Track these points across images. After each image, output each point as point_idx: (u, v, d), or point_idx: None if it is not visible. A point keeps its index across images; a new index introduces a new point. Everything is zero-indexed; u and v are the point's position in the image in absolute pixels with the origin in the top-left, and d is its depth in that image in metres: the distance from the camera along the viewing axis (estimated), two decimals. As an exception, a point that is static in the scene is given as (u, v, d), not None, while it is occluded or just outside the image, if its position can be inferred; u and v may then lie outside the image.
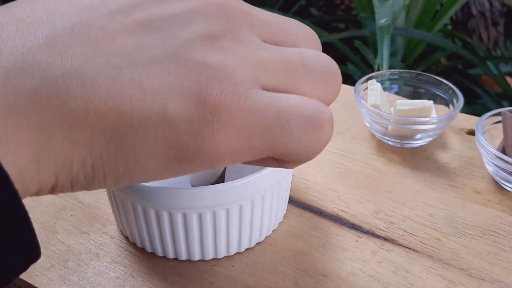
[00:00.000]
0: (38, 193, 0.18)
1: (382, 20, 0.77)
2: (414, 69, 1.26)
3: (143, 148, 0.18)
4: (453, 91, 0.46)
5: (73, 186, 0.19)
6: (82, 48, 0.18)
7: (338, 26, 1.64)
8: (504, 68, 1.22)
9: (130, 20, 0.19)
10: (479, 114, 1.17)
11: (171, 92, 0.18)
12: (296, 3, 1.67)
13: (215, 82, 0.18)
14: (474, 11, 1.38)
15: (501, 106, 1.14)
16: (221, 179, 0.38)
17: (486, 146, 0.39)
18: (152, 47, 0.18)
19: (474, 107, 1.12)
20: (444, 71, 1.25)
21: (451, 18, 1.42)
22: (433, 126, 0.43)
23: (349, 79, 1.10)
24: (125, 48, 0.18)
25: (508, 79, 1.23)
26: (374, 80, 0.47)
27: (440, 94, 0.47)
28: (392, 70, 0.50)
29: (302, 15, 1.71)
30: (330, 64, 0.22)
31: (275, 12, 0.23)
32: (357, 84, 0.46)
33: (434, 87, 0.48)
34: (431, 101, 0.46)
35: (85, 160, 0.18)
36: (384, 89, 0.49)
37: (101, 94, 0.17)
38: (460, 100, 0.45)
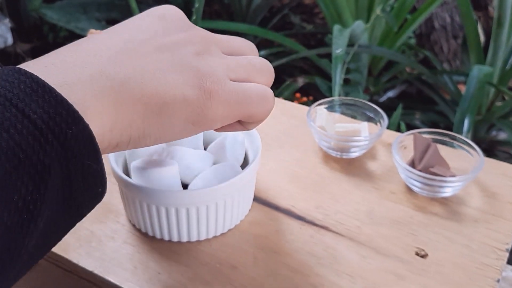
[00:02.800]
0: (106, 148, 0.30)
1: (337, 50, 0.90)
2: (380, 79, 1.40)
3: (174, 115, 0.32)
4: (381, 114, 0.60)
5: (129, 143, 0.31)
6: (130, 62, 0.31)
7: (316, 36, 1.78)
8: (459, 78, 1.36)
9: (150, 46, 0.32)
10: (434, 120, 1.31)
11: (185, 85, 0.32)
12: (278, 13, 1.80)
13: (206, 77, 0.32)
14: (436, 25, 1.52)
15: (455, 112, 1.28)
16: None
17: (398, 161, 0.54)
18: (167, 60, 0.32)
19: (429, 113, 1.26)
20: (408, 80, 1.39)
21: (414, 32, 1.56)
22: (364, 142, 0.58)
23: (318, 90, 1.24)
24: (153, 61, 0.32)
25: (462, 87, 1.38)
26: (321, 107, 0.61)
27: (373, 116, 0.62)
28: (338, 97, 0.64)
29: (284, 24, 1.84)
30: (266, 63, 0.37)
31: (255, 27, 0.41)
32: (309, 109, 0.60)
33: (367, 110, 0.62)
34: (365, 123, 0.60)
35: (140, 125, 0.31)
36: (332, 111, 0.63)
37: (149, 86, 0.31)
38: (385, 121, 0.59)
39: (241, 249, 0.48)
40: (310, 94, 1.40)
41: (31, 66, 0.29)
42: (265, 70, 0.37)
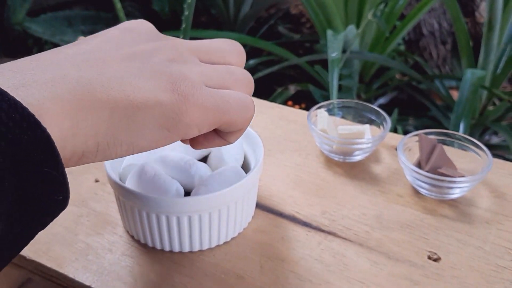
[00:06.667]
0: (71, 158, 0.27)
1: (333, 54, 0.89)
2: (371, 85, 1.39)
3: (146, 121, 0.29)
4: (384, 116, 0.58)
5: (97, 152, 0.28)
6: (98, 69, 0.29)
7: (304, 45, 1.77)
8: (449, 83, 1.36)
9: (118, 55, 0.31)
10: (427, 125, 1.30)
11: (157, 89, 0.29)
12: (265, 23, 1.79)
13: (180, 81, 0.30)
14: (425, 31, 1.52)
15: (447, 117, 1.28)
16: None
17: (404, 162, 0.52)
18: (136, 67, 0.30)
19: (422, 119, 1.25)
20: (398, 86, 1.39)
21: (403, 38, 1.56)
22: (368, 145, 0.56)
23: (309, 99, 1.23)
24: (121, 68, 0.30)
25: (454, 92, 1.37)
26: (322, 110, 0.59)
27: (374, 119, 0.60)
28: (338, 100, 0.62)
29: (271, 34, 1.83)
30: (246, 73, 0.35)
31: (244, 35, 0.37)
32: (309, 112, 0.59)
33: (369, 113, 0.60)
34: (367, 125, 0.58)
35: (107, 131, 0.28)
36: (332, 114, 0.62)
37: (116, 90, 0.28)
38: (388, 123, 0.57)
39: (246, 258, 0.46)
40: (302, 102, 1.38)
41: None
42: (245, 79, 0.35)
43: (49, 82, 0.27)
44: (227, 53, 0.36)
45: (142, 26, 0.35)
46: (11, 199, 0.24)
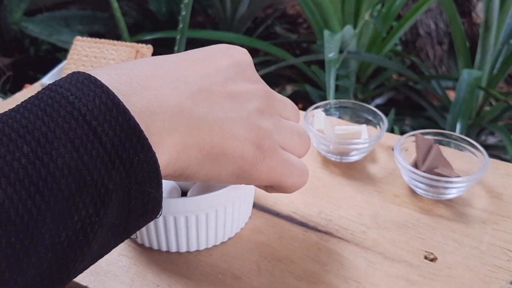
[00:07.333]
0: (164, 177, 0.31)
1: (330, 54, 0.89)
2: (368, 86, 1.40)
3: (226, 167, 0.33)
4: (380, 117, 0.59)
5: (177, 177, 0.32)
6: (206, 103, 0.32)
7: (301, 45, 1.77)
8: (446, 83, 1.36)
9: (224, 90, 0.34)
10: (423, 126, 1.31)
11: (246, 140, 0.33)
12: (262, 24, 1.79)
13: (266, 138, 0.34)
14: (421, 31, 1.52)
15: (444, 118, 1.28)
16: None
17: (401, 162, 0.52)
18: (236, 110, 0.33)
19: (419, 119, 1.26)
20: (395, 87, 1.39)
21: (400, 39, 1.56)
22: (364, 145, 0.56)
23: (306, 99, 1.23)
24: (224, 108, 0.33)
25: (451, 93, 1.38)
26: (319, 110, 0.59)
27: (371, 119, 0.60)
28: (335, 100, 0.62)
29: (268, 34, 1.83)
30: (307, 133, 0.39)
31: (241, 35, 0.40)
32: (306, 113, 0.59)
33: (366, 113, 0.60)
34: (364, 125, 0.59)
35: (195, 166, 0.32)
36: (329, 114, 0.62)
37: (216, 135, 0.32)
38: (385, 124, 0.57)
39: (243, 258, 0.46)
40: (299, 102, 1.38)
41: (108, 76, 0.29)
42: (308, 141, 0.39)
43: (169, 112, 0.30)
44: (292, 111, 0.40)
45: (246, 61, 0.37)
46: (116, 212, 0.27)
